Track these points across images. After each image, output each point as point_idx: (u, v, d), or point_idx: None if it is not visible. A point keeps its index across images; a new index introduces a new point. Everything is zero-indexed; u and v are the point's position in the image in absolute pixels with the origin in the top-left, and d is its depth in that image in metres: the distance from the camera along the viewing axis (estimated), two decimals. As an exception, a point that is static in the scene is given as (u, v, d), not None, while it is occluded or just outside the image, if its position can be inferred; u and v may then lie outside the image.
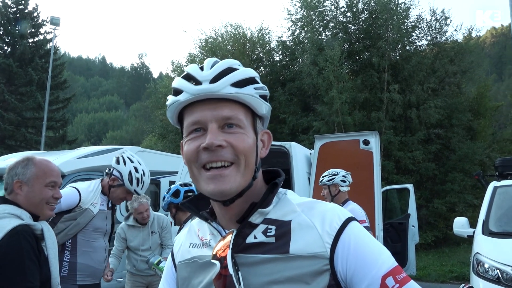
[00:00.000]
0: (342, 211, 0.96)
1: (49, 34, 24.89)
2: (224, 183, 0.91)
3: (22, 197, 2.04)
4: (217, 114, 0.93)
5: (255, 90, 0.97)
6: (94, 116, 70.26)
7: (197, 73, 0.95)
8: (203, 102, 0.94)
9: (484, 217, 5.06)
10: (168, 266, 1.14)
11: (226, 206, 0.96)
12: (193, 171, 0.95)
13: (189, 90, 0.94)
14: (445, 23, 18.00)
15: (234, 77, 0.94)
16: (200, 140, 0.92)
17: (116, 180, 3.30)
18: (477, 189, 15.54)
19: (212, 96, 0.93)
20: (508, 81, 47.86)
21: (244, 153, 0.93)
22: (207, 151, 0.91)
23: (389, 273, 0.88)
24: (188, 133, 0.96)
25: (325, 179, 4.32)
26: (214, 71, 0.94)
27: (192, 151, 0.94)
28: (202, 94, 0.93)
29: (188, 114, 0.96)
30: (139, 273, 4.68)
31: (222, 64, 0.96)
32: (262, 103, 0.99)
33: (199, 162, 0.93)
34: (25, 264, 1.84)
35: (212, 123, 0.93)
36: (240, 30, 20.82)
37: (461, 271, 10.05)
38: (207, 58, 1.00)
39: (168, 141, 20.56)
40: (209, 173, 0.92)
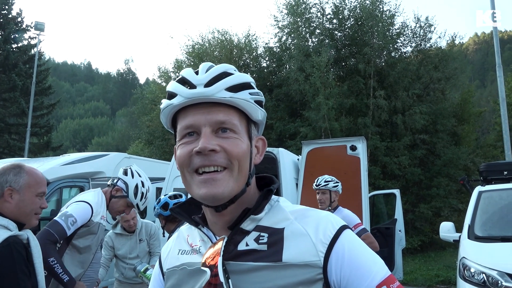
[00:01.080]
0: (335, 219, 0.95)
1: (33, 39, 24.58)
2: (216, 187, 0.89)
3: (12, 206, 1.96)
4: (211, 118, 0.92)
5: (250, 96, 0.96)
6: (80, 122, 69.51)
7: (191, 77, 0.94)
8: (197, 106, 0.93)
9: (470, 221, 5.11)
10: (156, 273, 1.11)
11: (218, 212, 0.94)
12: (185, 175, 0.94)
13: (183, 93, 0.92)
14: (429, 30, 18.33)
15: (229, 82, 0.93)
16: (193, 145, 0.91)
17: (119, 191, 3.29)
18: (462, 193, 15.75)
19: (206, 100, 0.92)
20: (490, 87, 48.76)
21: (238, 158, 0.92)
22: (200, 156, 0.90)
23: (383, 282, 0.87)
24: (181, 137, 0.94)
25: (330, 184, 4.28)
26: (209, 75, 0.93)
27: (184, 155, 0.92)
28: (196, 97, 0.91)
29: (181, 118, 0.95)
30: (127, 281, 4.62)
31: (218, 69, 0.95)
32: (257, 109, 0.98)
33: (192, 166, 0.91)
34: (18, 276, 1.79)
35: (205, 127, 0.91)
36: (227, 36, 20.87)
37: (447, 275, 10.13)
38: (202, 63, 1.00)
39: (155, 147, 20.42)
40: (202, 177, 0.90)
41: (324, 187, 4.28)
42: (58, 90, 45.62)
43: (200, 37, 21.43)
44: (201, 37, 21.25)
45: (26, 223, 2.02)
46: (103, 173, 7.83)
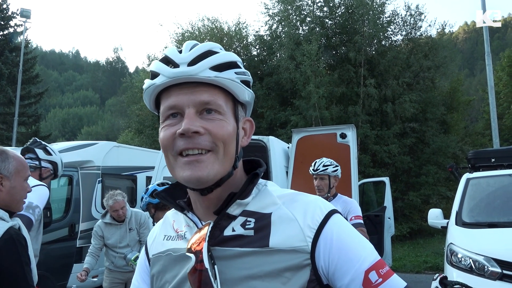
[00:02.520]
0: (324, 203, 0.93)
1: (19, 27, 24.14)
2: (201, 169, 0.87)
3: (3, 194, 1.86)
4: (194, 98, 0.88)
5: (236, 75, 0.92)
6: (68, 111, 68.73)
7: (175, 56, 0.90)
8: (180, 86, 0.89)
9: (458, 208, 5.17)
10: (142, 259, 1.09)
11: (204, 195, 0.92)
12: (169, 158, 0.91)
13: (166, 73, 0.89)
14: (419, 18, 18.36)
15: (214, 61, 0.90)
16: (177, 127, 0.88)
17: (47, 171, 3.31)
18: (450, 181, 15.94)
19: (190, 79, 0.88)
20: (479, 76, 49.14)
21: (223, 140, 0.89)
22: (184, 138, 0.87)
23: (372, 267, 0.86)
24: (164, 119, 0.91)
25: (329, 168, 3.85)
26: (193, 54, 0.90)
27: (168, 137, 0.89)
28: (178, 77, 0.88)
29: (164, 99, 0.92)
30: (117, 270, 4.62)
31: (202, 47, 0.92)
32: (244, 89, 0.94)
33: (175, 149, 0.88)
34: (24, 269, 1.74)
35: (189, 108, 0.88)
36: (217, 24, 20.70)
37: (435, 261, 10.29)
38: (187, 41, 0.96)
39: (145, 136, 20.31)
40: (185, 159, 0.88)
41: (323, 172, 3.84)
42: (46, 79, 44.98)
43: (190, 25, 21.29)
44: (191, 25, 21.10)
45: (15, 210, 1.94)
46: (92, 162, 7.76)
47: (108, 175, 8.07)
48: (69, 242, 7.21)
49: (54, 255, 6.84)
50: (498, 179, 5.51)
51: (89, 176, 7.69)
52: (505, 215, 5.03)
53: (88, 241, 5.51)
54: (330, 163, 3.92)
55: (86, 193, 7.60)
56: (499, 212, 5.12)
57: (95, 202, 7.69)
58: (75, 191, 7.45)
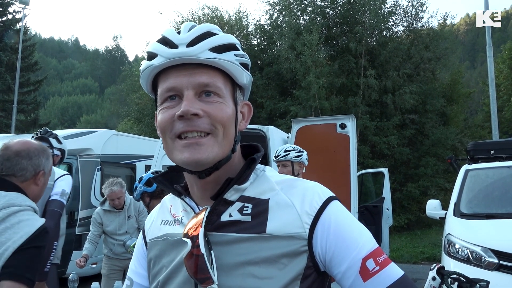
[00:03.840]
0: (323, 189, 0.92)
1: (18, 13, 23.95)
2: (200, 151, 0.86)
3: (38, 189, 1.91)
4: (193, 80, 0.87)
5: (235, 57, 0.91)
6: (68, 99, 68.52)
7: (173, 36, 0.88)
8: (179, 67, 0.88)
9: (456, 199, 5.19)
10: (139, 244, 1.09)
11: (202, 179, 0.91)
12: (167, 141, 0.90)
13: (164, 53, 0.87)
14: (421, 9, 18.25)
15: (213, 42, 0.88)
16: (175, 109, 0.86)
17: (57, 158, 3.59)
18: (448, 173, 15.98)
19: (189, 60, 0.87)
20: (480, 68, 48.98)
21: (222, 123, 0.88)
22: (182, 120, 0.86)
23: (370, 255, 0.85)
24: (162, 101, 0.90)
25: (291, 154, 3.62)
26: (192, 35, 0.88)
27: (166, 120, 0.88)
28: (177, 58, 0.86)
29: (162, 81, 0.90)
30: (116, 257, 4.64)
31: (201, 28, 0.90)
32: (242, 72, 0.93)
33: (174, 131, 0.87)
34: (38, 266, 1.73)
35: (188, 90, 0.86)
36: (218, 13, 20.58)
37: (432, 252, 10.37)
38: (185, 22, 0.94)
39: (144, 125, 20.28)
40: (184, 141, 0.86)
41: (284, 158, 3.62)
42: (45, 67, 44.78)
43: (190, 13, 21.13)
44: (191, 13, 20.95)
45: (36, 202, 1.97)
46: (91, 150, 7.77)
47: (107, 163, 8.08)
48: (68, 229, 7.22)
49: (53, 242, 6.86)
50: (497, 171, 5.53)
51: (88, 164, 7.70)
52: (503, 207, 5.05)
53: (87, 228, 5.53)
54: (292, 148, 3.68)
55: (85, 181, 7.61)
56: (497, 204, 5.15)
57: (94, 190, 7.71)
58: (74, 179, 7.45)
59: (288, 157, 3.62)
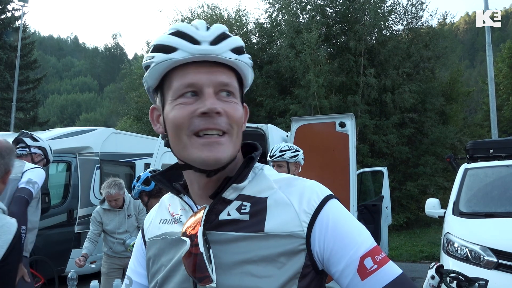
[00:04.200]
0: (321, 188, 0.92)
1: (17, 11, 23.89)
2: (220, 151, 0.86)
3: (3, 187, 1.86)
4: (214, 78, 0.87)
5: (249, 60, 0.93)
6: (67, 97, 68.47)
7: (193, 32, 0.88)
8: (198, 64, 0.87)
9: (455, 198, 5.19)
10: (138, 243, 1.09)
11: (209, 177, 0.91)
12: (182, 138, 0.88)
13: (187, 48, 0.86)
14: (420, 8, 18.23)
15: (233, 43, 0.89)
16: (194, 105, 0.86)
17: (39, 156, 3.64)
18: (448, 172, 16.00)
19: (212, 58, 0.87)
20: (479, 67, 48.97)
21: (237, 123, 0.89)
22: (205, 118, 0.85)
23: (368, 253, 0.85)
24: (177, 96, 0.88)
25: (287, 154, 3.53)
26: (213, 33, 0.88)
27: (184, 116, 0.86)
28: (202, 54, 0.86)
29: (179, 76, 0.88)
30: (116, 255, 4.63)
31: (219, 28, 0.90)
32: (252, 74, 0.95)
33: (191, 128, 0.86)
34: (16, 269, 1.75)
35: (209, 87, 0.86)
36: (217, 11, 20.55)
37: (431, 251, 10.38)
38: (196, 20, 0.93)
39: (143, 123, 20.28)
40: (204, 139, 0.86)
41: (280, 158, 3.54)
42: (44, 65, 44.72)
43: (190, 11, 21.13)
44: (191, 11, 20.95)
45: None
46: (90, 148, 7.77)
47: (107, 161, 8.08)
48: (68, 227, 7.25)
49: (52, 241, 6.88)
50: (496, 170, 5.53)
51: (87, 162, 7.70)
52: (502, 206, 5.06)
53: (87, 227, 5.53)
54: (288, 148, 3.58)
55: (85, 179, 7.61)
56: (496, 203, 5.15)
57: (93, 188, 7.71)
58: (74, 177, 7.47)
59: (283, 158, 3.54)
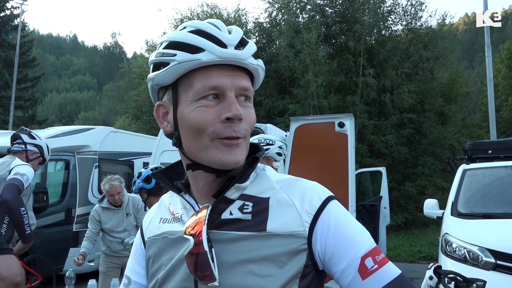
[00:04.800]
0: (322, 189, 0.93)
1: (16, 9, 23.86)
2: (239, 154, 0.87)
3: None
4: (236, 83, 0.87)
5: (263, 65, 0.94)
6: (66, 96, 68.35)
7: (219, 34, 0.88)
8: (221, 67, 0.87)
9: (453, 198, 5.20)
10: (137, 242, 1.09)
11: (219, 177, 0.92)
12: (203, 139, 0.87)
13: (216, 51, 0.85)
14: (420, 8, 18.26)
15: (253, 48, 0.90)
16: (218, 109, 0.86)
17: (34, 154, 3.69)
18: (446, 172, 16.02)
19: (237, 63, 0.87)
20: (478, 68, 49.06)
21: (252, 128, 0.92)
22: (228, 123, 0.86)
23: (368, 253, 0.86)
24: (199, 98, 0.87)
25: None
26: (237, 37, 0.88)
27: (208, 120, 0.86)
28: (230, 58, 0.86)
29: (201, 77, 0.87)
30: (114, 254, 4.63)
31: (239, 31, 0.90)
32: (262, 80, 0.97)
33: (216, 132, 0.86)
34: None
35: (231, 91, 0.87)
36: (217, 10, 20.58)
37: (429, 251, 10.40)
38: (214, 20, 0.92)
39: (142, 122, 20.27)
40: (227, 141, 0.87)
41: None
42: (43, 63, 44.57)
43: (189, 10, 21.18)
44: (190, 10, 20.99)
45: None
46: (88, 147, 7.76)
47: (105, 160, 8.08)
48: (66, 226, 7.24)
49: (50, 239, 6.87)
50: (494, 171, 5.54)
51: (85, 161, 7.69)
52: (500, 206, 5.06)
53: (85, 225, 5.53)
54: (258, 141, 3.25)
55: (83, 178, 7.60)
56: (494, 203, 5.16)
57: (91, 187, 7.70)
58: (72, 176, 7.46)
59: None
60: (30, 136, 3.73)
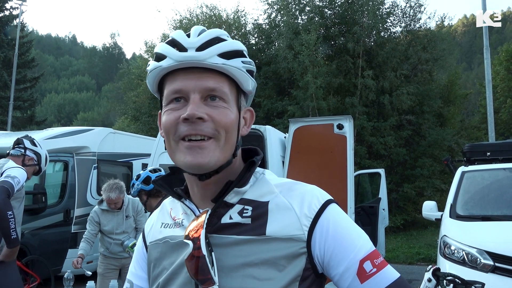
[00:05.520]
0: (321, 193, 0.94)
1: (15, 9, 23.84)
2: (203, 155, 0.87)
3: None
4: (200, 84, 0.88)
5: (242, 64, 0.92)
6: (64, 96, 68.32)
7: (183, 39, 0.90)
8: (187, 70, 0.89)
9: (452, 201, 5.20)
10: (139, 246, 1.10)
11: (202, 181, 0.92)
12: (170, 142, 0.91)
13: (173, 56, 0.88)
14: (419, 10, 18.29)
15: (222, 48, 0.90)
16: (181, 111, 0.88)
17: (31, 160, 3.68)
18: (445, 174, 16.04)
19: (197, 64, 0.88)
20: (477, 70, 49.14)
21: (225, 128, 0.89)
22: (187, 123, 0.87)
23: (367, 257, 0.87)
24: (168, 102, 0.91)
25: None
26: (202, 39, 0.90)
27: (171, 122, 0.89)
28: (186, 61, 0.88)
29: (169, 82, 0.91)
30: (112, 256, 4.62)
31: (210, 33, 0.92)
32: (248, 78, 0.94)
33: (178, 134, 0.88)
34: None
35: (194, 93, 0.88)
36: (216, 11, 20.58)
37: (428, 253, 10.41)
38: (194, 26, 0.95)
39: (141, 123, 20.25)
40: (187, 143, 0.88)
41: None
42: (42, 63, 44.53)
43: (188, 11, 21.16)
44: (189, 11, 20.97)
45: None
46: (87, 148, 7.75)
47: (104, 161, 8.07)
48: (64, 227, 7.23)
49: (48, 240, 6.86)
50: (493, 173, 5.55)
51: (84, 162, 7.69)
52: (498, 209, 5.07)
53: (83, 226, 5.52)
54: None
55: (82, 179, 7.60)
56: (493, 206, 5.16)
57: (90, 188, 7.69)
58: (71, 177, 7.45)
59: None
60: (33, 143, 3.76)
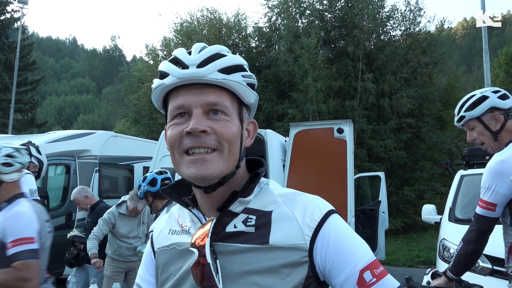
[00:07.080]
0: (323, 203, 0.97)
1: (16, 12, 23.89)
2: (206, 167, 0.90)
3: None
4: (202, 99, 0.92)
5: (242, 78, 0.96)
6: (65, 99, 68.30)
7: (184, 57, 0.94)
8: (189, 86, 0.93)
9: (451, 204, 5.22)
10: (147, 252, 1.14)
11: (207, 193, 0.95)
12: (175, 156, 0.95)
13: (175, 73, 0.93)
14: (418, 14, 18.30)
15: (222, 63, 0.94)
16: (184, 125, 0.92)
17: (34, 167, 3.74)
18: (444, 177, 16.02)
19: (198, 80, 0.92)
20: (477, 72, 49.16)
21: (228, 140, 0.93)
22: (190, 137, 0.91)
23: (367, 267, 0.89)
24: (172, 118, 0.95)
25: None
26: (202, 56, 0.94)
27: (175, 136, 0.93)
28: (188, 78, 0.92)
29: (173, 98, 0.95)
30: (120, 259, 4.64)
31: (211, 50, 0.96)
32: (249, 92, 0.98)
33: (182, 147, 0.92)
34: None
35: (197, 108, 0.92)
36: (216, 14, 20.58)
37: (428, 256, 10.40)
38: (196, 43, 0.99)
39: (142, 126, 20.23)
40: (191, 157, 0.91)
41: None
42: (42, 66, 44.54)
43: (189, 14, 21.16)
44: (190, 15, 20.98)
45: None
46: (89, 151, 7.78)
47: (106, 164, 8.09)
48: (66, 230, 7.23)
49: (50, 243, 6.87)
50: (492, 177, 5.55)
51: (86, 165, 7.72)
52: (497, 212, 5.08)
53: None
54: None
55: (83, 182, 7.61)
56: (491, 209, 5.17)
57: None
58: (72, 180, 7.48)
59: None
60: (38, 151, 3.87)
